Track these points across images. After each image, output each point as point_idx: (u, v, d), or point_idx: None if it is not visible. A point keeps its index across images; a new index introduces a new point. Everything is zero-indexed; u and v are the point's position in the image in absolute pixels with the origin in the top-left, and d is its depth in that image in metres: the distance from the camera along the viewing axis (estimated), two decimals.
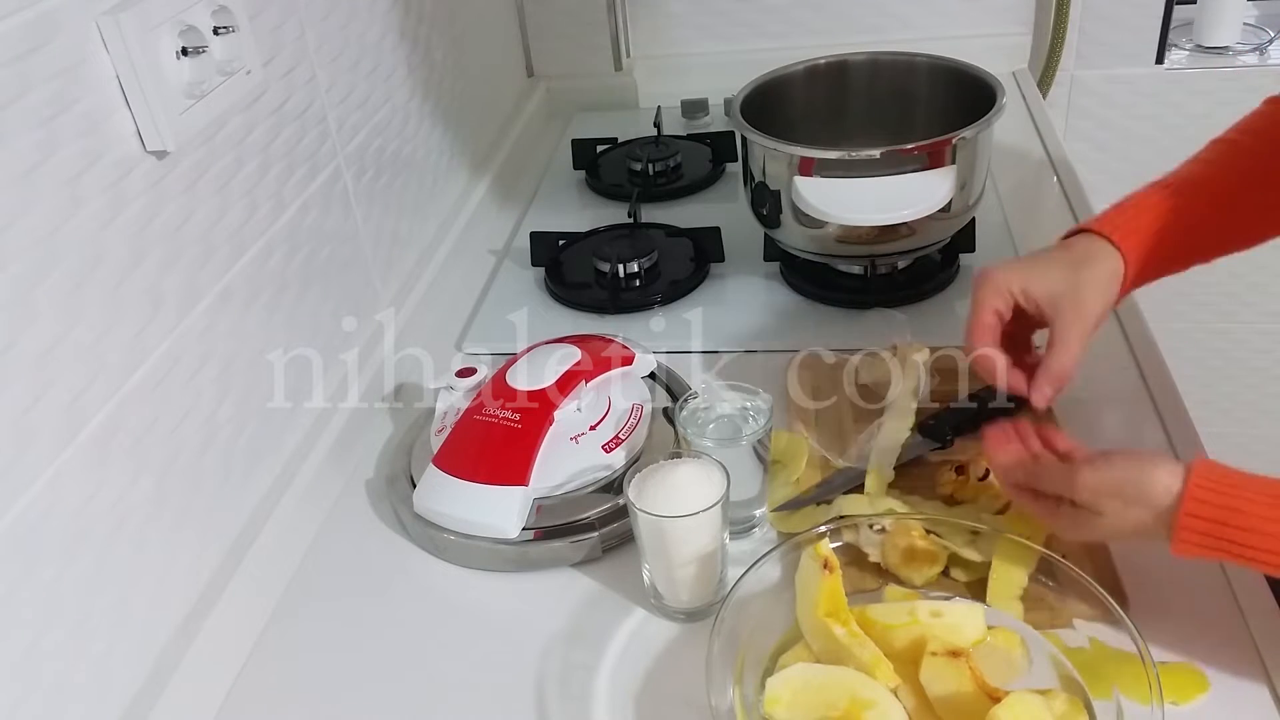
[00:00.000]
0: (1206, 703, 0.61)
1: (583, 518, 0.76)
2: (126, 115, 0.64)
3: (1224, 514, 0.56)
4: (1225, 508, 0.57)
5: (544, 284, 1.11)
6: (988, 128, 0.94)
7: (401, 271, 1.06)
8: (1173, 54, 1.52)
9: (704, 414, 0.77)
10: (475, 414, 0.80)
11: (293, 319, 0.84)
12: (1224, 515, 0.56)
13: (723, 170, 1.31)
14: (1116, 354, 0.91)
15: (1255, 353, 1.71)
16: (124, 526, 0.64)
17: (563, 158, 1.40)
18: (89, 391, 0.61)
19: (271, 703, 0.70)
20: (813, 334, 0.98)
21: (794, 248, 1.03)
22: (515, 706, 0.67)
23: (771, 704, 0.59)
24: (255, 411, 0.79)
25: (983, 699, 0.56)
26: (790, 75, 1.08)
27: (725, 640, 0.62)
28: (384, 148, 1.03)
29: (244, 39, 0.74)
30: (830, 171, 0.93)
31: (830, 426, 0.85)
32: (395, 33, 1.07)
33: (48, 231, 0.58)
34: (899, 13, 1.48)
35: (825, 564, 0.63)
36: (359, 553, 0.81)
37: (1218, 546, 0.57)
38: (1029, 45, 1.49)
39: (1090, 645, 0.61)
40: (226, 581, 0.72)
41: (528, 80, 1.57)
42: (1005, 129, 1.06)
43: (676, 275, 1.09)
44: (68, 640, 0.59)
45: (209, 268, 0.73)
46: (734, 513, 0.74)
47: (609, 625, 0.72)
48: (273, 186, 0.81)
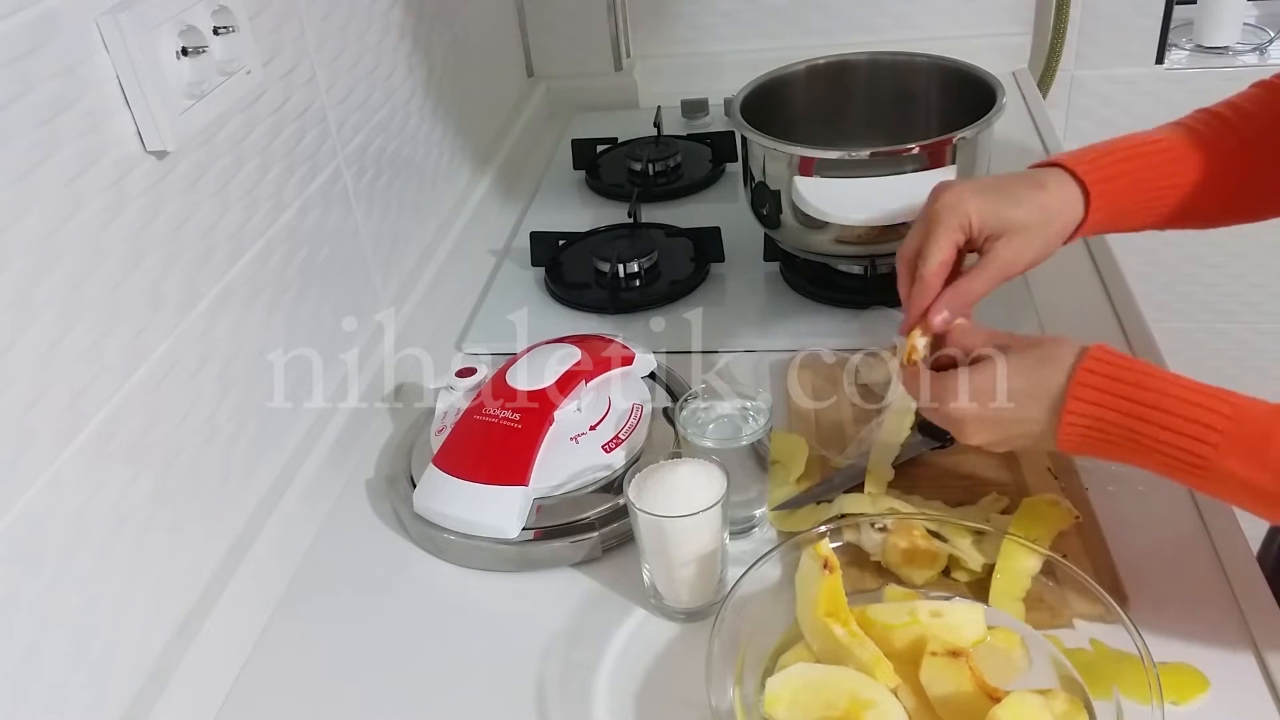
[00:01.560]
0: (1207, 703, 0.61)
1: (583, 518, 0.76)
2: (126, 115, 0.64)
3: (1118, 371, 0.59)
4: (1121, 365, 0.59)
5: (544, 284, 1.11)
6: (988, 128, 0.94)
7: (401, 271, 1.06)
8: (1173, 54, 1.52)
9: (704, 414, 0.77)
10: (475, 414, 0.80)
11: (293, 319, 0.84)
12: (1118, 372, 0.59)
13: (723, 170, 1.31)
14: None
15: (1255, 353, 1.71)
16: (124, 526, 0.64)
17: (563, 158, 1.40)
18: (89, 391, 0.61)
19: (271, 702, 0.70)
20: (813, 334, 0.98)
21: (794, 248, 1.03)
22: (515, 706, 0.67)
23: (771, 704, 0.59)
24: (255, 411, 0.79)
25: (983, 699, 0.57)
26: (790, 75, 1.08)
27: (725, 640, 0.62)
28: (384, 148, 1.03)
29: (244, 39, 0.74)
30: (830, 171, 0.93)
31: (830, 426, 0.85)
32: (395, 33, 1.07)
33: (48, 231, 0.58)
34: (899, 13, 1.48)
35: (825, 564, 0.63)
36: (359, 553, 0.81)
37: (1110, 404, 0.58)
38: (1029, 45, 1.49)
39: (1091, 647, 0.61)
40: (226, 581, 0.72)
41: (528, 80, 1.57)
42: (1005, 129, 1.06)
43: (676, 275, 1.09)
44: (68, 640, 0.59)
45: (209, 268, 0.73)
46: (734, 513, 0.74)
47: (609, 625, 0.72)
48: (273, 187, 0.81)
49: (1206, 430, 0.56)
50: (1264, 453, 0.55)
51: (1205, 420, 0.56)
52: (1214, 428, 0.56)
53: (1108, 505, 0.74)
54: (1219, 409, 0.56)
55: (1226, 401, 0.57)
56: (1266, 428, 0.56)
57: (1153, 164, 0.72)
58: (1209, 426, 0.56)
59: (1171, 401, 0.58)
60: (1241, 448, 0.56)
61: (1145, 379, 0.59)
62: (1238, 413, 0.56)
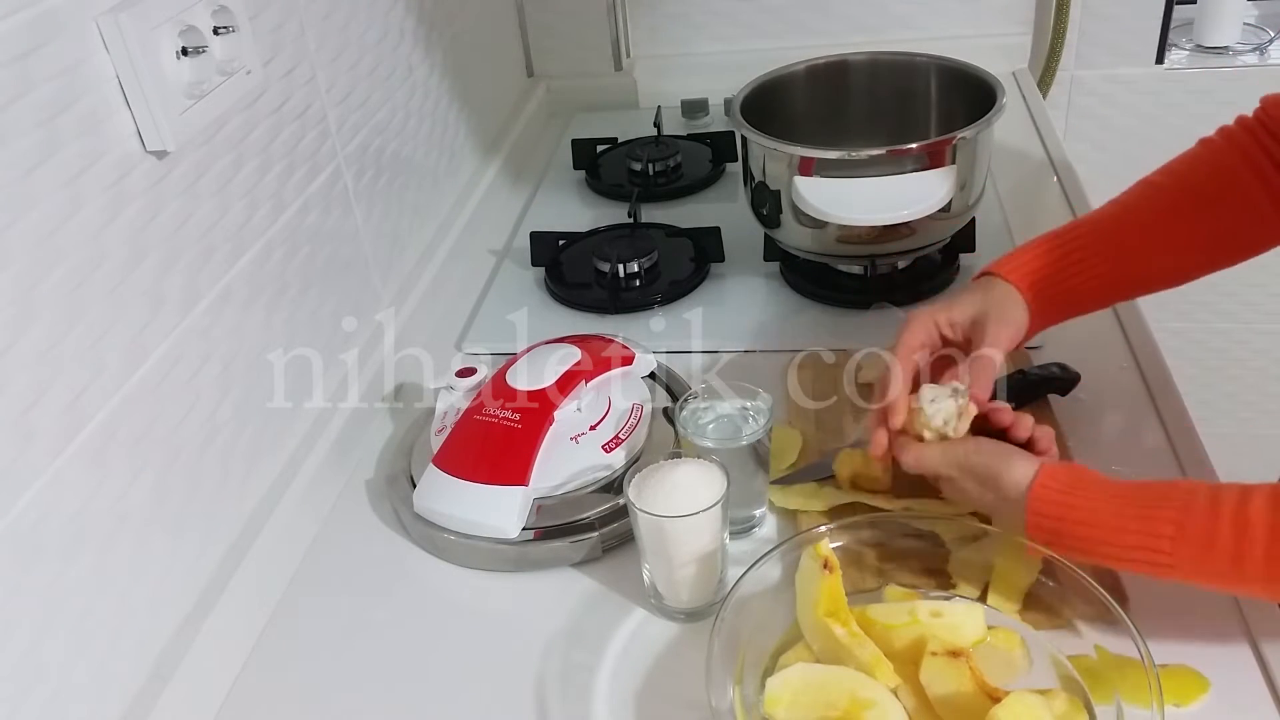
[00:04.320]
0: (1207, 703, 0.61)
1: (583, 518, 0.76)
2: (126, 115, 0.64)
3: (1062, 510, 0.63)
4: (1064, 505, 0.63)
5: (544, 284, 1.11)
6: (988, 128, 0.94)
7: (401, 271, 1.06)
8: (1173, 54, 1.52)
9: (704, 414, 0.77)
10: (475, 414, 0.80)
11: (293, 319, 0.84)
12: (1062, 512, 0.63)
13: (723, 170, 1.31)
14: (1116, 354, 0.91)
15: (1255, 353, 1.71)
16: (124, 526, 0.64)
17: (563, 158, 1.39)
18: (89, 391, 0.61)
19: (271, 703, 0.70)
20: (813, 334, 0.98)
21: (794, 248, 1.03)
22: (515, 706, 0.67)
23: (771, 704, 0.59)
24: (255, 411, 0.79)
25: (983, 699, 0.57)
26: (790, 75, 1.08)
27: (725, 640, 0.62)
28: (384, 148, 1.03)
29: (244, 39, 0.74)
30: (830, 171, 0.93)
31: (830, 426, 0.85)
32: (395, 33, 1.07)
33: (48, 231, 0.58)
34: (899, 13, 1.48)
35: (825, 564, 0.63)
36: (359, 553, 0.81)
37: (1061, 543, 0.63)
38: (1029, 45, 1.49)
39: (1096, 653, 0.61)
40: (226, 581, 0.72)
41: (528, 80, 1.57)
42: (1005, 129, 1.06)
43: (676, 275, 1.09)
44: (68, 640, 0.59)
45: (209, 268, 0.73)
46: (734, 513, 0.74)
47: (609, 625, 0.72)
48: (273, 186, 0.81)
49: (1154, 554, 0.59)
50: (1210, 564, 0.58)
51: (1151, 546, 0.59)
52: (1161, 550, 0.59)
53: None
54: (1162, 530, 0.59)
55: (1168, 520, 0.59)
56: (1206, 539, 0.58)
57: (1059, 245, 0.77)
58: (1156, 550, 0.59)
59: (1117, 534, 0.61)
60: (1189, 565, 0.59)
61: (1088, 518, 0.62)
62: (1179, 531, 0.59)
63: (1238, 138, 0.75)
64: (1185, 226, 0.76)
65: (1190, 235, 0.76)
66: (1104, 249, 0.76)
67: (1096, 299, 0.79)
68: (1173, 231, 0.76)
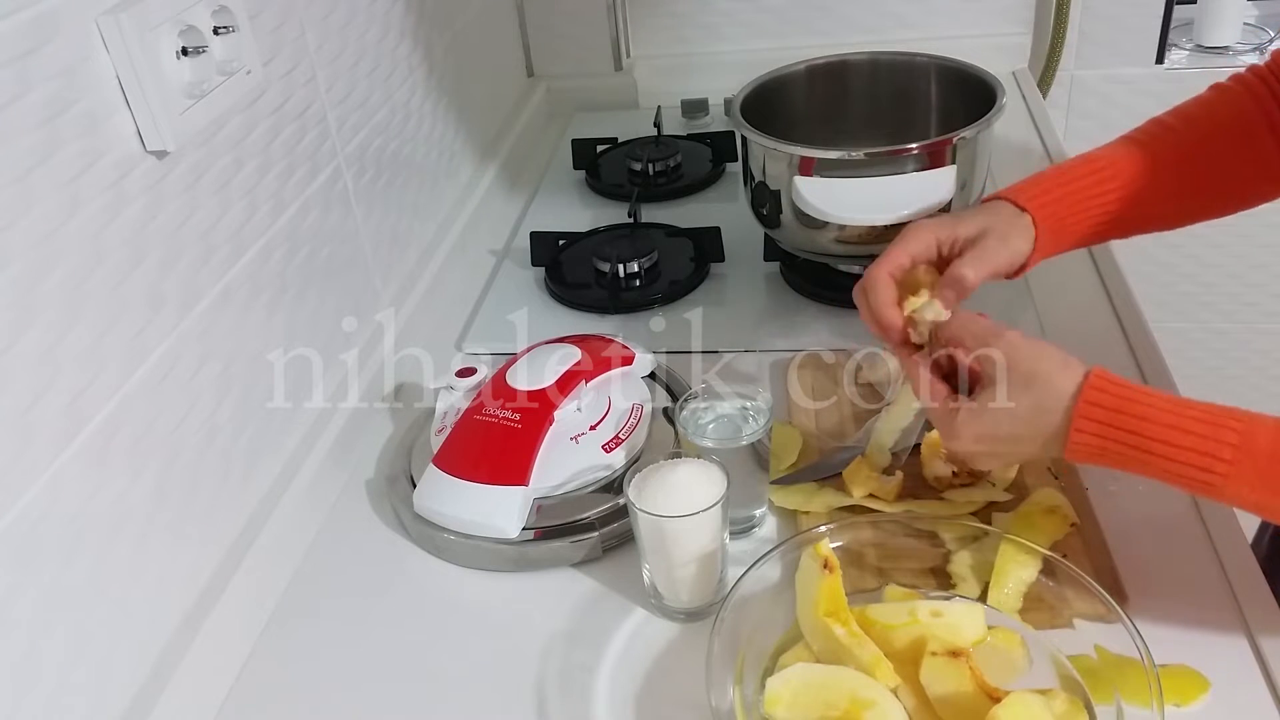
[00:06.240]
0: (1207, 703, 0.61)
1: (583, 518, 0.76)
2: (126, 115, 0.64)
3: (1119, 402, 0.58)
4: (1121, 396, 0.58)
5: (544, 284, 1.11)
6: (988, 127, 0.94)
7: (401, 271, 1.06)
8: (1173, 54, 1.52)
9: (704, 414, 0.77)
10: (475, 414, 0.80)
11: (293, 319, 0.84)
12: (1119, 404, 0.58)
13: (723, 170, 1.31)
14: (1116, 354, 0.90)
15: (1255, 353, 1.71)
16: (124, 526, 0.64)
17: (563, 158, 1.40)
18: (89, 391, 0.61)
19: (271, 703, 0.70)
20: (813, 334, 0.98)
21: (794, 248, 1.03)
22: (515, 706, 0.67)
23: (771, 704, 0.59)
24: (255, 411, 0.79)
25: (983, 699, 0.57)
26: (790, 75, 1.08)
27: (725, 640, 0.62)
28: (384, 148, 1.03)
29: (244, 39, 0.74)
30: (830, 171, 0.93)
31: (830, 426, 0.85)
32: (395, 33, 1.07)
33: (48, 231, 0.58)
34: (899, 13, 1.48)
35: (825, 564, 0.63)
36: (359, 553, 0.81)
37: (1107, 443, 0.58)
38: (1029, 45, 1.49)
39: (1096, 654, 0.61)
40: (226, 581, 0.72)
41: (528, 80, 1.57)
42: (1005, 129, 1.06)
43: (676, 275, 1.09)
44: (67, 640, 0.59)
45: (209, 268, 0.73)
46: (734, 513, 0.74)
47: (609, 625, 0.72)
48: (273, 186, 0.81)
49: (1213, 460, 0.56)
50: (1273, 477, 0.55)
51: (1211, 450, 0.56)
52: (1220, 457, 0.55)
53: (1108, 505, 0.74)
54: (1225, 437, 0.56)
55: (1232, 429, 0.56)
56: (1274, 449, 0.55)
57: (1080, 176, 0.74)
58: (1215, 456, 0.56)
59: (1174, 433, 0.57)
60: (1250, 474, 0.55)
61: (1147, 410, 0.58)
62: (1244, 440, 0.55)
63: (1252, 84, 0.74)
64: (1194, 171, 0.75)
65: (1197, 181, 0.75)
66: (1118, 187, 0.74)
67: (1100, 234, 0.76)
68: (1182, 175, 0.75)
